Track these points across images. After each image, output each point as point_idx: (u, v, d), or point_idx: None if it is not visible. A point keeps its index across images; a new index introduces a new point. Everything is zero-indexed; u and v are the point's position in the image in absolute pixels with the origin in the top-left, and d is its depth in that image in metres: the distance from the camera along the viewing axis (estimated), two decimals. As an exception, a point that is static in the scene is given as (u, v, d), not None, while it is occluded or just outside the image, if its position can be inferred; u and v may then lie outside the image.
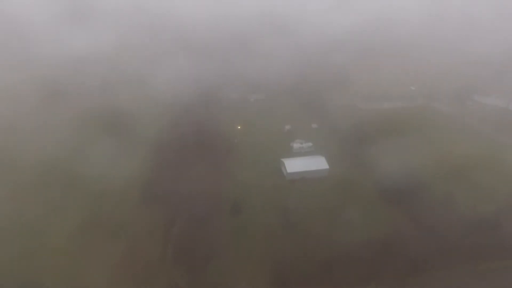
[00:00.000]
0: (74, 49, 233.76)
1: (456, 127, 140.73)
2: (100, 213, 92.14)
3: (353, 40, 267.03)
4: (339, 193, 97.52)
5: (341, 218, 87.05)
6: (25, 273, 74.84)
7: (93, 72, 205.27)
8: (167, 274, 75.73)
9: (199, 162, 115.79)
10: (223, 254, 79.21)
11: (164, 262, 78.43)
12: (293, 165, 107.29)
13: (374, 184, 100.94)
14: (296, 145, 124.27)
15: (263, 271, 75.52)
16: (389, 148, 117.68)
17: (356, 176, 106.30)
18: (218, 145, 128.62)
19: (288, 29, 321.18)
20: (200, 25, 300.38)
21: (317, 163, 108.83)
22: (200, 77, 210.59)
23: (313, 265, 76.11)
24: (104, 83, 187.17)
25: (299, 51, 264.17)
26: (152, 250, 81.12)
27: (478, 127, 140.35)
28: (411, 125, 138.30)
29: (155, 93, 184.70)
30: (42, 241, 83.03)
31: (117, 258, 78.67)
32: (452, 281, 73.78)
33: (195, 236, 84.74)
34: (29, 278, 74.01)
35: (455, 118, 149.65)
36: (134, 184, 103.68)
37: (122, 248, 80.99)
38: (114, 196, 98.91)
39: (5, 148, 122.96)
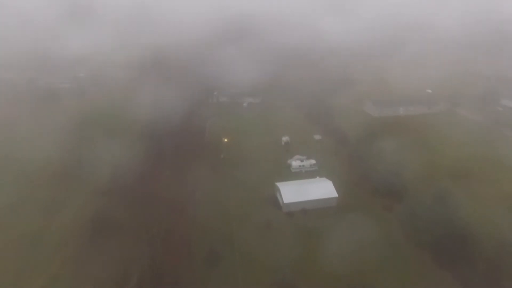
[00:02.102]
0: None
1: (488, 137, 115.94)
2: (31, 257, 67.43)
3: (361, 40, 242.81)
4: (354, 234, 72.58)
5: (359, 276, 62.14)
6: None
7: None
8: None
9: (170, 185, 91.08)
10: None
11: None
12: (291, 192, 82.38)
13: (400, 221, 76.01)
14: (295, 163, 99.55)
15: None
16: (414, 167, 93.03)
17: (376, 208, 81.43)
18: (198, 163, 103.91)
19: (287, 27, 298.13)
20: (191, 22, 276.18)
21: (322, 189, 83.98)
22: (186, 78, 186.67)
23: None
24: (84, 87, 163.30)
25: (300, 49, 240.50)
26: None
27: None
28: (435, 135, 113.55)
29: (137, 96, 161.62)
30: None
31: None
32: None
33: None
34: None
35: (484, 125, 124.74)
36: (82, 214, 79.14)
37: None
38: (54, 230, 74.47)
39: None
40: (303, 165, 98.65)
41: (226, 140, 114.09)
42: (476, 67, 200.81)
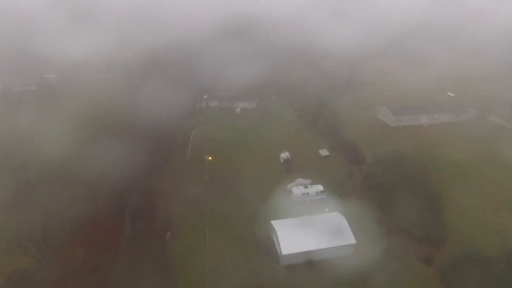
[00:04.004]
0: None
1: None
2: None
3: (369, 40, 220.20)
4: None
5: None
6: None
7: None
8: None
9: (132, 224, 69.01)
10: None
11: None
12: (292, 238, 60.03)
13: (446, 281, 53.73)
14: (297, 190, 77.06)
15: None
16: (456, 198, 70.81)
17: (409, 260, 59.18)
18: (173, 189, 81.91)
19: (288, 25, 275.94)
20: (182, 19, 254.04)
21: (334, 232, 61.61)
22: (174, 79, 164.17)
23: None
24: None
25: (301, 49, 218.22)
26: None
27: None
28: (475, 151, 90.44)
29: (114, 100, 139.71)
30: None
31: None
32: None
33: None
34: None
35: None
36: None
37: None
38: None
39: None
40: (307, 193, 76.26)
41: (210, 158, 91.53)
42: (498, 67, 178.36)
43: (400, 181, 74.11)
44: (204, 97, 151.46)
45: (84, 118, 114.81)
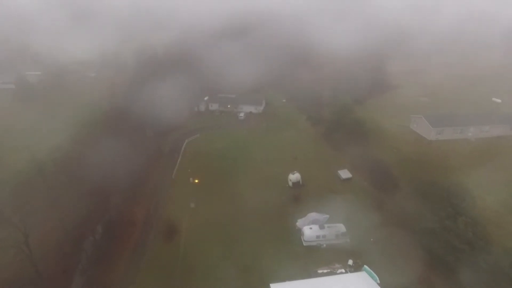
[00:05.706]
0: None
1: None
2: None
3: (390, 37, 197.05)
4: None
5: None
6: None
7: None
8: None
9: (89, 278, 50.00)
10: None
11: None
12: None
13: None
14: (309, 231, 56.41)
15: None
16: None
17: None
18: (149, 220, 62.64)
19: (300, 21, 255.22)
20: (186, 15, 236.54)
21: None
22: (172, 78, 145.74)
23: None
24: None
25: (317, 47, 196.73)
26: None
27: None
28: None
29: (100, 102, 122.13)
30: None
31: None
32: None
33: None
34: None
35: None
36: None
37: None
38: None
39: None
40: (323, 235, 55.57)
41: (197, 181, 71.80)
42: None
43: (453, 221, 53.04)
44: (205, 99, 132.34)
45: (57, 120, 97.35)
